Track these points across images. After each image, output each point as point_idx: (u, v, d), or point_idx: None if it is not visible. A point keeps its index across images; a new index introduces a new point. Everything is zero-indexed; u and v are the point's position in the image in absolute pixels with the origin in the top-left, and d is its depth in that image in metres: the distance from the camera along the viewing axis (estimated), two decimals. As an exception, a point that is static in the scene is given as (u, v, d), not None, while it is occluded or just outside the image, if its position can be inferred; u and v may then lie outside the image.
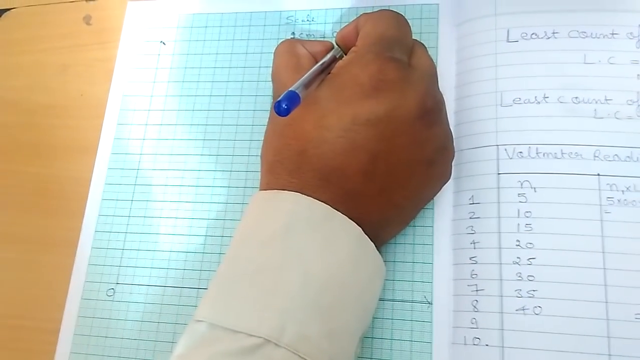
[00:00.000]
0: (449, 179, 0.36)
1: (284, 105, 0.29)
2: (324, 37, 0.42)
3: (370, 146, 0.32)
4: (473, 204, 0.36)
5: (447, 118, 0.36)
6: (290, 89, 0.30)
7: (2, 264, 0.42)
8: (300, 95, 0.30)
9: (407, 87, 0.33)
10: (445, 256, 0.36)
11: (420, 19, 0.41)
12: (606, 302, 0.33)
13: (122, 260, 0.40)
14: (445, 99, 0.36)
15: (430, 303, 0.35)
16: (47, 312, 0.40)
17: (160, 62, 0.44)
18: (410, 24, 0.37)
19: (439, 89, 0.36)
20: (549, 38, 0.38)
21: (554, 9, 0.38)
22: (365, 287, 0.32)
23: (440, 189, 0.37)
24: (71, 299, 0.40)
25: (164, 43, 0.45)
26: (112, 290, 0.40)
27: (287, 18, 0.43)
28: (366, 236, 0.32)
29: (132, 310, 0.39)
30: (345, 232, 0.32)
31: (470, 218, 0.36)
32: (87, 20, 0.47)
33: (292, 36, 0.43)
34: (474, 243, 0.35)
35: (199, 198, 0.40)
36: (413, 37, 0.37)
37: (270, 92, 0.41)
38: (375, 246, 0.33)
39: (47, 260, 0.42)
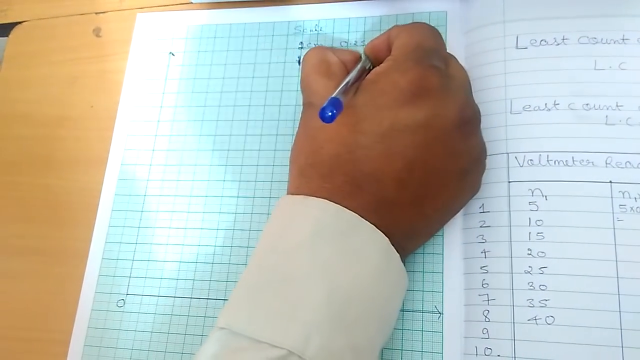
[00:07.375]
0: (478, 191, 0.36)
1: (329, 112, 0.29)
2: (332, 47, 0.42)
3: (407, 153, 0.31)
4: (483, 212, 0.36)
5: (481, 131, 0.35)
6: (333, 96, 0.30)
7: (12, 275, 0.42)
8: (342, 101, 0.29)
9: (447, 96, 0.32)
10: (456, 265, 0.36)
11: (429, 27, 0.41)
12: (620, 311, 0.32)
13: (132, 271, 0.40)
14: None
15: (440, 313, 0.35)
16: (57, 323, 0.40)
17: (169, 73, 0.45)
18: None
19: (474, 100, 0.36)
20: (558, 44, 0.38)
21: (564, 15, 0.38)
22: (388, 299, 0.32)
23: (468, 201, 0.36)
24: (81, 310, 0.40)
25: (173, 54, 0.45)
26: (122, 301, 0.40)
27: (295, 28, 0.43)
28: (393, 247, 0.31)
29: (142, 321, 0.39)
30: (372, 242, 0.31)
31: (481, 227, 0.36)
32: (97, 32, 0.47)
33: (300, 46, 0.43)
34: (485, 252, 0.35)
35: (208, 208, 0.40)
36: None
37: (278, 101, 0.42)
38: (400, 257, 0.32)
39: (57, 271, 0.42)
